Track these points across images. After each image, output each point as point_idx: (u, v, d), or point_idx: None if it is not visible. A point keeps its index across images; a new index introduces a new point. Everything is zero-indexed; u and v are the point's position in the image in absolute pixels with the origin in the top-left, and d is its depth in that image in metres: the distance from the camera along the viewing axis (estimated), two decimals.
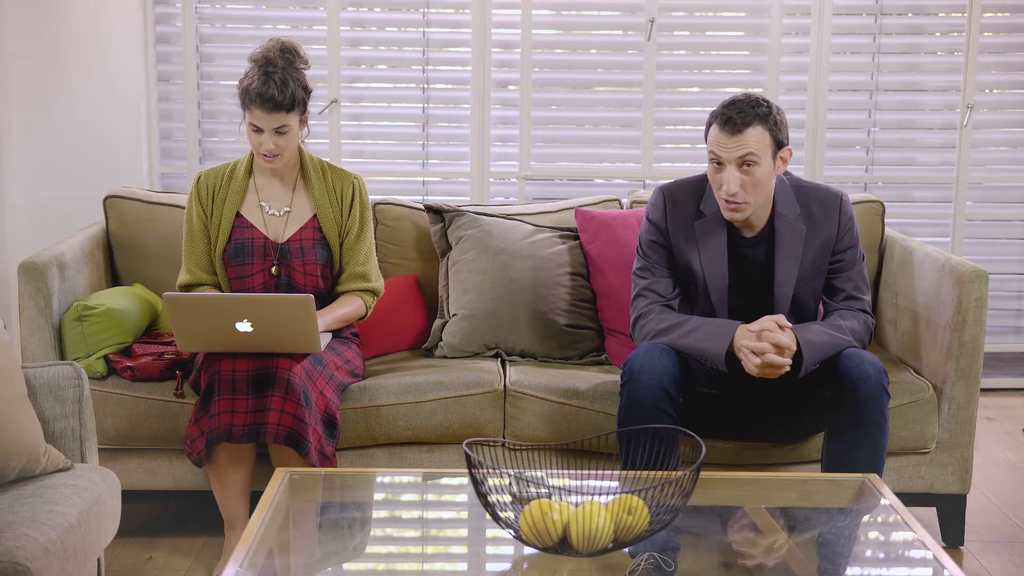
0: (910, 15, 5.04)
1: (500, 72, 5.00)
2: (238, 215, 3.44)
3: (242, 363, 3.10)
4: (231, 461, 3.18)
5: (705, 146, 3.13)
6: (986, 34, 5.04)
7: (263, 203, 3.45)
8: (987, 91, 5.08)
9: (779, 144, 3.06)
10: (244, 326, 3.06)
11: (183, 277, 3.47)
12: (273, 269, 3.41)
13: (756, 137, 3.01)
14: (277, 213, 3.45)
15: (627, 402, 3.02)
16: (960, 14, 5.00)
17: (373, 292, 3.51)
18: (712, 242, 3.14)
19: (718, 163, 3.05)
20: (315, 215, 3.46)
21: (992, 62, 5.06)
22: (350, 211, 3.48)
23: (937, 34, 5.07)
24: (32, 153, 4.77)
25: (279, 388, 3.07)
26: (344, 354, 3.41)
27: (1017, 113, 5.11)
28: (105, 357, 3.41)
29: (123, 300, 3.51)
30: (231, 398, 3.08)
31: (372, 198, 4.07)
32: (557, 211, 3.98)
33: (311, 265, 3.43)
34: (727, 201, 3.05)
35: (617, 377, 3.48)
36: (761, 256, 3.16)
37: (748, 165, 3.01)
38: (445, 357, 3.69)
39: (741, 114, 3.01)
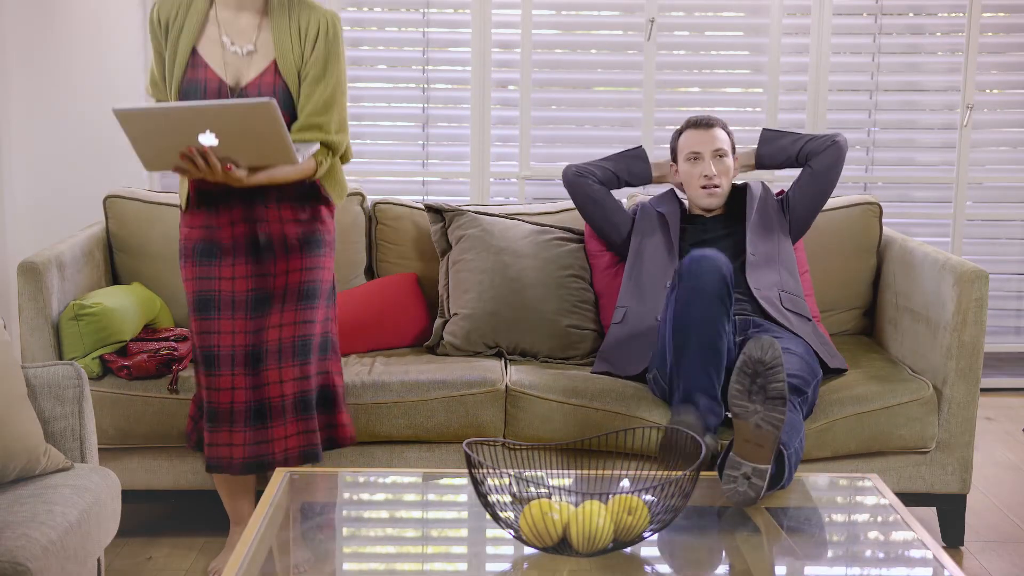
0: (910, 15, 5.04)
1: (500, 72, 5.00)
2: (194, 51, 3.00)
3: (240, 395, 3.05)
4: None
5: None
6: (986, 34, 5.05)
7: (224, 38, 3.00)
8: (987, 91, 5.08)
9: (733, 149, 3.68)
10: (208, 138, 2.73)
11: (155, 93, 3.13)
12: None
13: (722, 136, 3.64)
14: (240, 52, 3.00)
15: (691, 287, 3.12)
16: (960, 14, 5.00)
17: (329, 146, 3.04)
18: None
19: (695, 158, 3.62)
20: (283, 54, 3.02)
21: (992, 62, 5.06)
22: (312, 49, 2.99)
23: (937, 34, 5.07)
24: (32, 153, 4.76)
25: (278, 417, 3.06)
26: (316, 311, 3.14)
27: (1017, 113, 5.11)
28: (100, 357, 3.41)
29: (120, 299, 3.51)
30: (229, 431, 3.05)
31: (372, 198, 4.08)
32: (558, 211, 3.98)
33: None
34: (704, 187, 3.61)
35: (617, 377, 3.48)
36: (719, 230, 3.64)
37: (720, 156, 3.62)
38: (447, 356, 3.69)
39: (707, 118, 3.65)
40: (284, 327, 3.08)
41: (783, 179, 4.87)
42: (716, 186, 3.59)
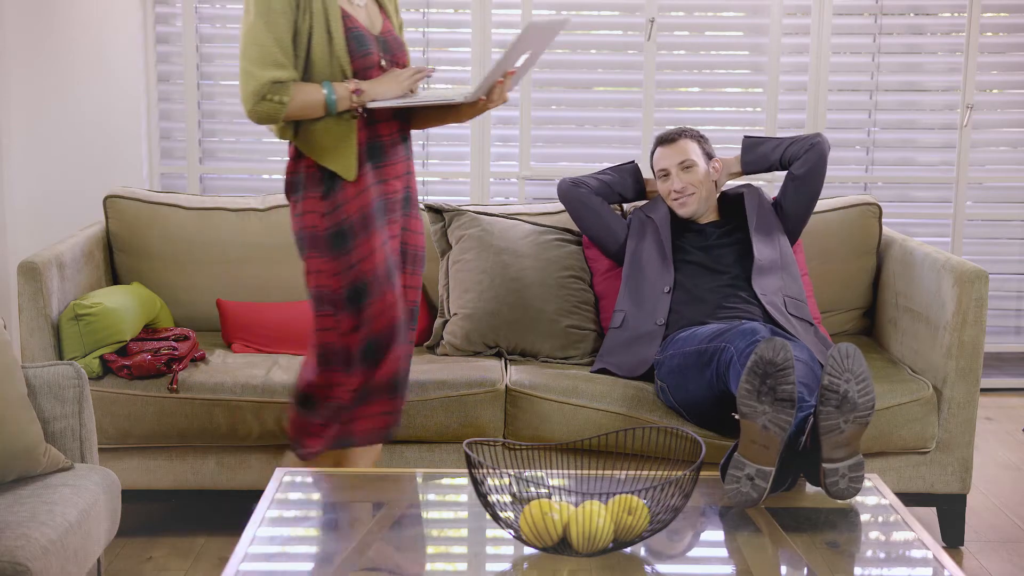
0: (910, 15, 5.04)
1: None
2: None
3: (405, 363, 3.02)
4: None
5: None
6: (986, 34, 5.05)
7: None
8: (987, 91, 5.08)
9: (709, 155, 3.71)
10: (520, 60, 2.89)
11: (278, 73, 2.83)
12: (383, 62, 2.98)
13: (688, 146, 3.67)
14: (360, 4, 3.00)
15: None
16: (960, 14, 5.00)
17: None
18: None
19: (664, 175, 3.69)
20: (382, 6, 3.07)
21: (992, 62, 5.06)
22: None
23: (937, 34, 5.07)
24: (32, 153, 4.77)
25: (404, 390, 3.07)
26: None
27: (1017, 113, 5.11)
28: (101, 357, 3.41)
29: (119, 298, 3.51)
30: (393, 399, 3.02)
31: None
32: (558, 211, 3.98)
33: (405, 59, 3.06)
34: (675, 200, 3.67)
35: (617, 377, 3.48)
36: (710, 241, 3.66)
37: (687, 168, 3.65)
38: (447, 355, 3.69)
39: (673, 133, 3.71)
40: (408, 290, 3.08)
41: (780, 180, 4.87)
42: (688, 196, 3.64)
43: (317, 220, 2.92)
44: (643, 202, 3.83)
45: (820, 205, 4.03)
